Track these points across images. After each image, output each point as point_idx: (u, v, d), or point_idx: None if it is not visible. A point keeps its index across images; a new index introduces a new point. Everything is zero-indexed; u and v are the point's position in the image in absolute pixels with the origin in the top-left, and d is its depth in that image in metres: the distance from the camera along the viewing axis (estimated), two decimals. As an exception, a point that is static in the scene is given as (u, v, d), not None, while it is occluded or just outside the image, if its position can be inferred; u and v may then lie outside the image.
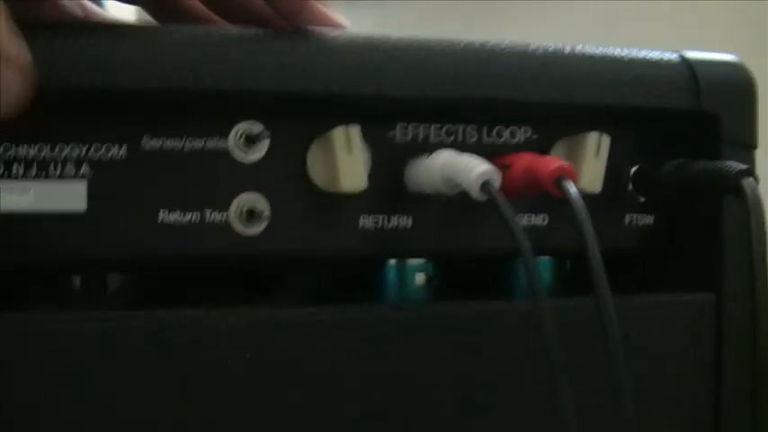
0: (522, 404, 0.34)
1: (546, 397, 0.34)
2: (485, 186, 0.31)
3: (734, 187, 0.33)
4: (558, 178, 0.32)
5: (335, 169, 0.33)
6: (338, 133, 0.33)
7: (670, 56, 0.37)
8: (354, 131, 0.33)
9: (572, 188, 0.31)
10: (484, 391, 0.34)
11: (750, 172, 0.33)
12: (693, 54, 0.37)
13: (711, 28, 1.06)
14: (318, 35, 0.33)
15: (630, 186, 0.37)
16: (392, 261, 0.37)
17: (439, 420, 0.33)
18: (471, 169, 0.31)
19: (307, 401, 0.32)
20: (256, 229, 0.33)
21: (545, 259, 0.39)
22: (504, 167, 0.34)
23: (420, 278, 0.38)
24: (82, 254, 0.32)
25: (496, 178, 0.31)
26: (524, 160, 0.33)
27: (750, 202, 0.32)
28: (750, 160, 0.37)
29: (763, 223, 0.33)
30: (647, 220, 0.38)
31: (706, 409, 0.36)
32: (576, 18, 1.15)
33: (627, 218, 0.37)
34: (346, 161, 0.32)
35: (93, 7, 0.33)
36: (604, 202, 0.37)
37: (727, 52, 0.39)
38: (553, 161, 0.32)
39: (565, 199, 0.31)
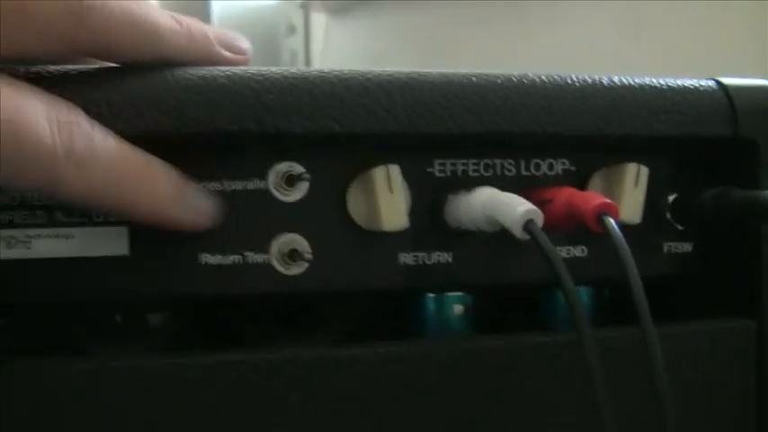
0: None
1: (591, 427, 0.34)
2: (527, 226, 0.31)
3: (774, 218, 0.33)
4: (600, 214, 0.32)
5: (376, 209, 0.33)
6: (379, 173, 0.33)
7: (706, 83, 0.37)
8: (395, 171, 0.33)
9: (614, 225, 0.31)
10: (527, 425, 0.34)
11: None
12: (730, 80, 0.37)
13: (736, 28, 1.05)
14: (356, 74, 0.33)
15: (669, 215, 0.37)
16: (431, 294, 0.37)
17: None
18: (514, 209, 0.31)
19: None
20: (298, 269, 0.33)
21: (583, 288, 0.39)
22: (544, 202, 0.34)
23: (459, 309, 0.38)
24: (125, 297, 0.32)
25: (539, 218, 0.31)
26: (565, 195, 0.33)
27: (792, 232, 0.32)
28: (789, 187, 0.37)
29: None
30: (686, 247, 0.38)
31: (750, 435, 0.36)
32: (597, 20, 1.14)
33: (665, 246, 0.37)
34: (387, 201, 0.33)
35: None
36: (643, 232, 0.37)
37: (753, 67, 0.39)
38: (595, 197, 0.32)
39: (606, 235, 0.31)
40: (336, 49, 1.12)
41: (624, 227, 0.34)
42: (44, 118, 0.28)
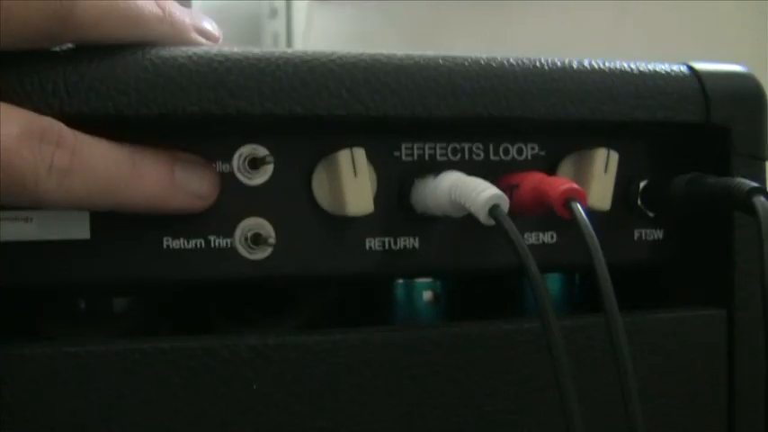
0: (532, 423, 0.34)
1: (557, 415, 0.34)
2: (492, 211, 0.30)
3: (745, 204, 0.32)
4: (567, 200, 0.31)
5: (341, 193, 0.32)
6: (343, 156, 0.32)
7: (678, 68, 0.36)
8: (360, 154, 0.32)
9: (581, 211, 0.31)
10: (494, 411, 0.34)
11: (762, 190, 0.33)
12: (702, 66, 0.37)
13: (721, 27, 1.05)
14: (320, 56, 0.32)
15: (640, 201, 0.37)
16: (400, 280, 0.37)
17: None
18: (479, 193, 0.30)
19: (315, 425, 0.32)
20: (262, 253, 0.33)
21: (552, 275, 0.39)
22: (512, 187, 0.33)
23: (428, 296, 0.37)
24: (86, 281, 0.32)
25: (504, 203, 0.30)
26: (532, 180, 0.33)
27: (762, 219, 0.32)
28: (761, 172, 0.36)
29: (774, 240, 0.32)
30: (657, 235, 0.37)
31: (719, 424, 0.36)
32: (581, 16, 1.14)
33: (636, 233, 0.37)
34: (352, 184, 0.32)
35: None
36: (613, 218, 0.36)
37: (739, 55, 0.39)
38: (562, 182, 0.32)
39: (573, 221, 0.31)
40: (319, 33, 1.12)
41: (594, 213, 0.34)
42: (22, 137, 0.27)
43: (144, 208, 0.31)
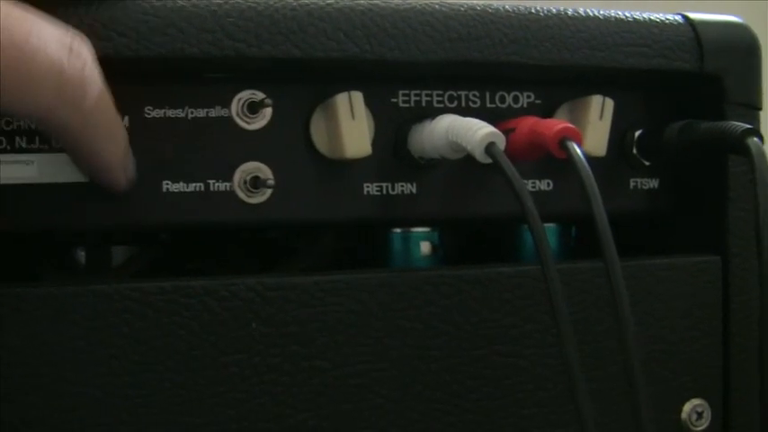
0: (530, 365, 0.34)
1: (554, 357, 0.34)
2: (489, 149, 0.31)
3: (739, 146, 0.33)
4: (563, 139, 0.31)
5: (339, 136, 0.32)
6: (341, 99, 0.32)
7: (673, 17, 0.37)
8: (357, 97, 0.33)
9: (577, 149, 0.31)
10: (492, 353, 0.34)
11: (755, 131, 0.33)
12: (697, 16, 0.37)
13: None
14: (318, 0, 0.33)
15: (635, 150, 0.37)
16: (397, 230, 0.37)
17: (443, 380, 0.33)
18: (475, 132, 0.31)
19: (313, 365, 0.32)
20: (261, 197, 0.33)
21: (550, 227, 0.39)
22: (507, 131, 0.33)
23: (426, 247, 0.38)
24: (86, 224, 0.32)
25: (501, 140, 0.31)
26: (528, 123, 0.33)
27: (755, 160, 0.32)
28: (754, 121, 0.37)
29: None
30: (653, 183, 0.38)
31: (715, 367, 0.36)
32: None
33: (632, 182, 0.37)
34: (350, 127, 0.32)
35: None
36: (609, 167, 0.37)
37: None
38: (557, 123, 0.32)
39: (569, 160, 0.31)
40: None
41: (589, 160, 0.34)
42: (57, 43, 0.27)
43: (104, 166, 0.30)
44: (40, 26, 0.26)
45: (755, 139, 0.33)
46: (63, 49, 0.27)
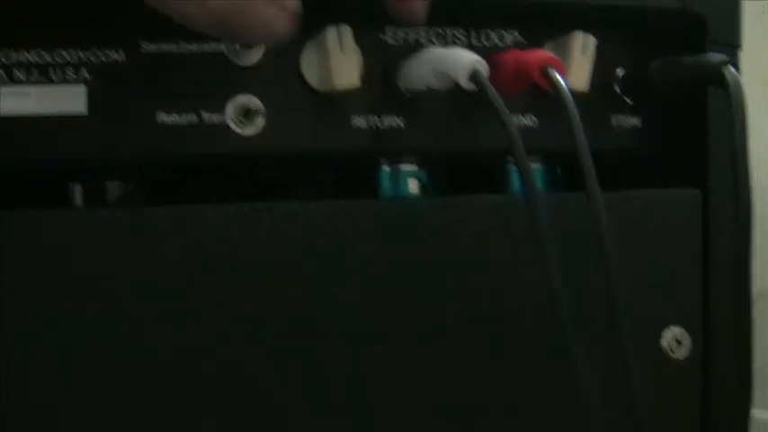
0: (517, 292, 0.35)
1: (541, 286, 0.35)
2: (474, 76, 0.31)
3: (716, 77, 0.34)
4: (546, 67, 0.32)
5: (328, 68, 0.33)
6: (330, 33, 0.33)
7: (655, -44, 0.38)
8: (346, 30, 0.33)
9: (559, 78, 0.32)
10: (480, 283, 0.35)
11: (732, 62, 0.34)
12: (679, -45, 0.38)
13: None
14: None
15: (618, 88, 0.38)
16: (386, 168, 0.38)
17: (432, 307, 0.34)
18: (460, 59, 0.32)
19: (305, 292, 0.33)
20: (253, 129, 0.34)
21: (537, 167, 0.40)
22: (492, 64, 0.34)
23: (414, 185, 0.39)
24: (83, 155, 0.33)
25: (485, 68, 0.32)
26: (512, 55, 0.34)
27: (732, 90, 0.33)
28: (736, 60, 0.38)
29: (743, 112, 0.34)
30: (635, 121, 0.39)
31: (695, 296, 0.37)
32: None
33: (614, 119, 0.38)
34: (339, 59, 0.33)
35: None
36: (592, 104, 0.37)
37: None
38: (541, 53, 0.33)
39: (551, 87, 0.32)
40: None
41: (573, 95, 0.35)
42: None
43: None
44: None
45: (732, 68, 0.34)
46: None
